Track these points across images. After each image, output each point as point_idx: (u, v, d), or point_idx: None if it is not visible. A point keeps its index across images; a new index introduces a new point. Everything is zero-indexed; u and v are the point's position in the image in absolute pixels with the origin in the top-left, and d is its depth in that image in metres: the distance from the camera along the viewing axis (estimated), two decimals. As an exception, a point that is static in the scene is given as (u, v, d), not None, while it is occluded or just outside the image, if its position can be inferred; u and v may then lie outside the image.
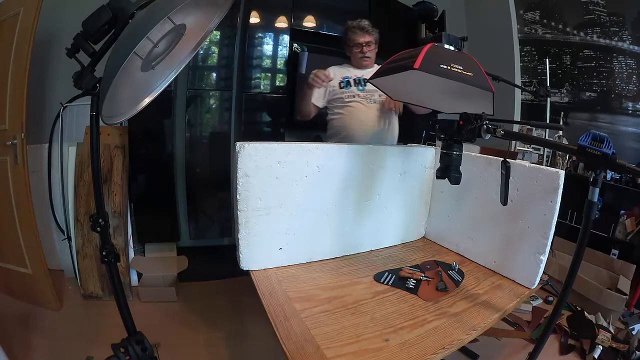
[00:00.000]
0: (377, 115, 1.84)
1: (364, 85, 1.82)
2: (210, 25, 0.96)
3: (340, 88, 1.83)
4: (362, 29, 1.81)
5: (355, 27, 1.82)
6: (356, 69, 1.87)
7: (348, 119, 1.84)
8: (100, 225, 0.98)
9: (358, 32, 1.81)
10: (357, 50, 1.82)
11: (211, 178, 2.43)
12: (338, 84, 1.84)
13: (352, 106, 1.83)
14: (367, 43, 1.81)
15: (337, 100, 1.85)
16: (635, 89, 2.64)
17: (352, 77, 1.84)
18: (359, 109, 1.82)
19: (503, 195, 0.93)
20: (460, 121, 0.91)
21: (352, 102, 1.83)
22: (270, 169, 1.09)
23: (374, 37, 1.83)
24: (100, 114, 0.86)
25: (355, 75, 1.84)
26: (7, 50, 1.86)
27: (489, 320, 0.96)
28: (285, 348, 0.77)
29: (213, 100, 2.40)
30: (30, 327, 1.80)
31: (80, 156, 2.12)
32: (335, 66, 1.92)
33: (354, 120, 1.83)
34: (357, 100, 1.82)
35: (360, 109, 1.82)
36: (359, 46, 1.81)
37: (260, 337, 1.81)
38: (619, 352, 1.81)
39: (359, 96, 1.82)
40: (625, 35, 2.64)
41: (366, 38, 1.81)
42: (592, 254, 2.39)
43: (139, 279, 2.27)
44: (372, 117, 1.83)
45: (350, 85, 1.83)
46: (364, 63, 1.84)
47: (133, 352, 0.99)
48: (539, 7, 3.14)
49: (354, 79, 1.83)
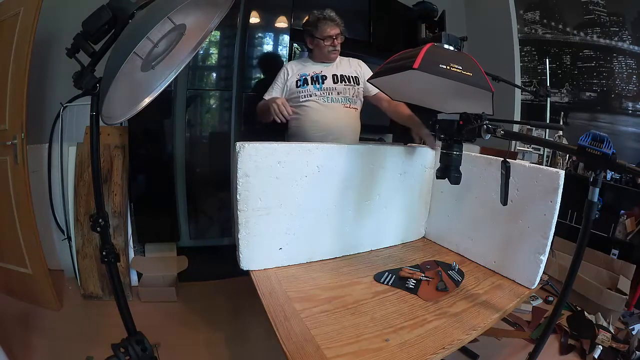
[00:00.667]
0: (334, 115, 1.75)
1: (322, 83, 1.75)
2: (210, 25, 0.97)
3: (297, 87, 1.76)
4: (333, 20, 1.73)
5: (326, 19, 1.73)
6: (317, 63, 1.80)
7: (302, 120, 1.76)
8: (100, 225, 0.98)
9: (330, 23, 1.72)
10: (327, 43, 1.73)
11: (211, 178, 2.43)
12: (295, 82, 1.77)
13: (307, 106, 1.75)
14: (337, 35, 1.74)
15: (293, 100, 1.76)
16: (635, 89, 2.64)
17: (310, 73, 1.76)
18: (314, 108, 1.74)
19: (503, 195, 0.93)
20: (460, 121, 0.92)
21: (306, 102, 1.75)
22: (270, 169, 1.09)
23: (341, 27, 1.76)
24: (100, 114, 0.86)
25: (313, 72, 1.77)
26: (7, 50, 1.86)
27: (489, 320, 0.96)
28: (285, 348, 0.77)
29: (213, 100, 2.40)
30: (30, 327, 1.80)
31: (80, 156, 2.13)
32: (293, 61, 1.86)
33: (307, 121, 1.75)
34: (312, 99, 1.74)
35: (315, 109, 1.74)
36: (330, 39, 1.73)
37: (260, 337, 1.81)
38: (619, 352, 1.81)
39: (315, 95, 1.74)
40: (625, 35, 2.64)
41: (336, 30, 1.73)
42: (592, 254, 2.38)
43: (139, 279, 2.27)
44: (328, 116, 1.74)
45: (307, 84, 1.76)
46: (332, 56, 1.78)
47: (133, 352, 0.99)
48: (539, 7, 3.15)
49: (312, 75, 1.76)
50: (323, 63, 1.80)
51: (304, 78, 1.77)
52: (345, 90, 1.78)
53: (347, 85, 1.78)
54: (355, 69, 1.84)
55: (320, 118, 1.75)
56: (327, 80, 1.77)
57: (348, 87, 1.78)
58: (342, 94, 1.77)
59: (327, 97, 1.75)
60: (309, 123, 1.76)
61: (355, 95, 1.80)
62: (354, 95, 1.80)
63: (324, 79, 1.76)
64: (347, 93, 1.78)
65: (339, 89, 1.76)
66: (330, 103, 1.75)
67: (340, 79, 1.78)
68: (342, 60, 1.84)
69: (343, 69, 1.81)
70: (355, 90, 1.80)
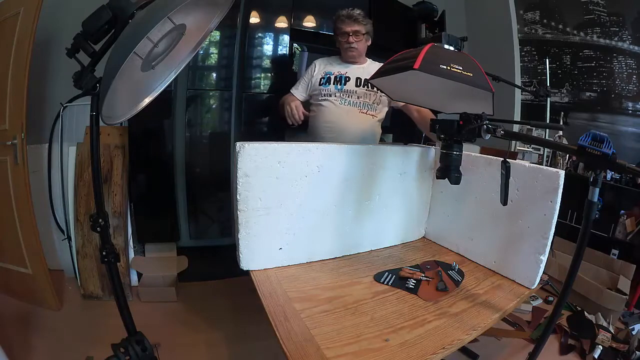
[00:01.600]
0: (348, 118, 1.71)
1: (343, 84, 1.72)
2: (210, 25, 0.97)
3: (320, 84, 1.75)
4: (351, 17, 1.70)
5: (343, 16, 1.71)
6: (343, 64, 1.78)
7: (317, 119, 1.76)
8: (100, 225, 0.98)
9: (346, 20, 1.70)
10: (343, 39, 1.72)
11: (211, 178, 2.43)
12: (319, 79, 1.75)
13: (323, 105, 1.74)
14: (354, 32, 1.69)
15: (314, 97, 1.77)
16: (635, 89, 2.64)
17: (334, 73, 1.74)
18: (329, 108, 1.73)
19: (503, 195, 0.93)
20: (460, 121, 0.91)
21: (324, 101, 1.73)
22: (270, 169, 1.09)
23: (364, 27, 1.71)
24: (100, 114, 0.86)
25: (338, 72, 1.74)
26: (7, 50, 1.86)
27: (489, 320, 0.96)
28: (285, 348, 0.77)
29: (213, 100, 2.40)
30: (30, 327, 1.80)
31: (80, 156, 2.13)
32: (323, 59, 1.84)
33: (320, 120, 1.75)
34: (330, 99, 1.72)
35: (330, 109, 1.72)
36: (345, 35, 1.70)
37: (260, 337, 1.81)
38: (619, 352, 1.81)
39: (334, 95, 1.72)
40: (625, 35, 2.64)
41: (354, 27, 1.69)
42: (592, 254, 2.39)
43: (139, 279, 2.27)
44: (342, 119, 1.71)
45: (329, 83, 1.73)
46: (350, 54, 1.74)
47: (133, 352, 0.99)
48: (539, 7, 3.14)
49: (336, 75, 1.74)
50: (349, 64, 1.77)
51: (328, 77, 1.74)
52: (366, 96, 1.72)
53: (370, 90, 1.72)
54: None
55: (333, 119, 1.72)
56: (349, 82, 1.73)
57: (370, 93, 1.72)
58: (362, 99, 1.72)
59: (345, 100, 1.72)
60: (322, 123, 1.75)
61: (376, 102, 1.74)
62: (374, 102, 1.74)
63: (346, 81, 1.73)
64: (368, 98, 1.72)
65: (359, 92, 1.72)
66: (347, 106, 1.72)
67: (364, 83, 1.73)
68: (371, 65, 1.79)
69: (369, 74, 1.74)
70: (377, 97, 1.73)
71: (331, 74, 1.75)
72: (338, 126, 1.71)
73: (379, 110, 1.77)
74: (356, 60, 1.77)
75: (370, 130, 1.77)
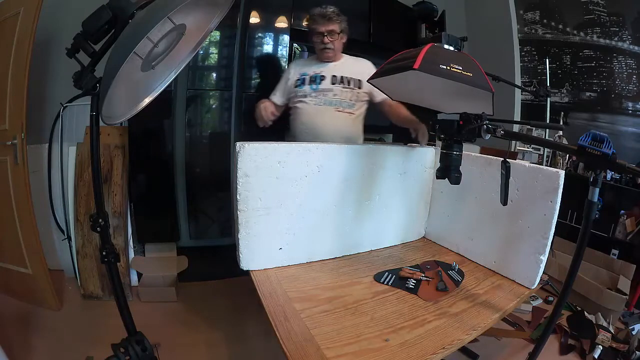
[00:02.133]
0: (323, 118, 1.67)
1: (319, 84, 1.68)
2: (210, 25, 0.97)
3: (295, 87, 1.71)
4: (325, 16, 1.63)
5: (317, 15, 1.65)
6: (318, 63, 1.73)
7: (294, 120, 1.74)
8: (100, 225, 0.98)
9: (320, 20, 1.64)
10: (318, 40, 1.66)
11: (211, 178, 2.43)
12: (295, 81, 1.72)
13: (298, 107, 1.71)
14: (329, 32, 1.63)
15: (291, 100, 1.74)
16: (635, 89, 2.64)
17: (310, 74, 1.70)
18: (304, 109, 1.70)
19: (503, 195, 0.93)
20: (460, 121, 0.92)
21: (298, 103, 1.70)
22: (270, 169, 1.09)
23: (339, 25, 1.65)
24: (100, 114, 0.86)
25: (313, 72, 1.70)
26: (7, 50, 1.86)
27: (489, 320, 0.96)
28: (285, 348, 0.77)
29: (213, 100, 2.40)
30: (30, 327, 1.80)
31: (80, 156, 2.13)
32: (299, 60, 1.80)
33: (297, 122, 1.72)
34: (304, 100, 1.69)
35: (305, 110, 1.69)
36: (320, 35, 1.64)
37: (260, 337, 1.81)
38: (619, 352, 1.81)
39: (309, 96, 1.68)
40: (625, 35, 2.64)
41: (328, 27, 1.63)
42: (592, 254, 2.38)
43: (139, 279, 2.26)
44: (316, 119, 1.67)
45: (305, 84, 1.69)
46: (325, 55, 1.69)
47: (133, 352, 0.99)
48: (539, 7, 3.14)
49: (311, 76, 1.70)
50: (324, 63, 1.73)
51: (304, 78, 1.71)
52: (343, 93, 1.69)
53: (346, 87, 1.69)
54: (361, 71, 1.73)
55: (308, 120, 1.69)
56: (325, 81, 1.69)
57: (346, 90, 1.69)
58: (338, 97, 1.68)
59: (320, 99, 1.68)
60: (299, 124, 1.73)
61: (353, 99, 1.71)
62: (351, 99, 1.70)
63: (322, 80, 1.69)
64: (344, 96, 1.69)
65: (335, 90, 1.68)
66: (322, 105, 1.68)
67: (340, 81, 1.70)
68: (347, 61, 1.76)
69: (346, 70, 1.73)
70: (354, 94, 1.70)
71: (307, 74, 1.71)
72: (313, 126, 1.68)
73: (357, 107, 1.73)
74: (332, 59, 1.73)
75: (348, 128, 1.74)
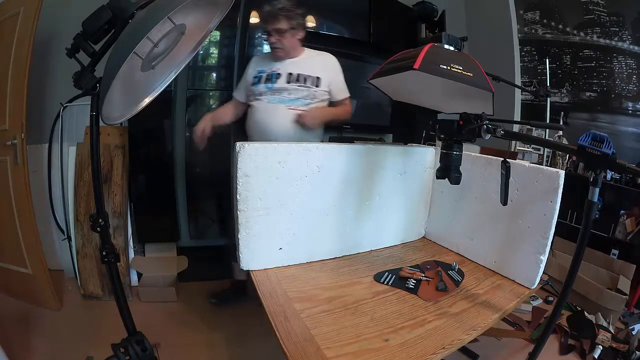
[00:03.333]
0: (273, 118, 1.61)
1: (274, 82, 1.61)
2: (210, 25, 0.97)
3: (252, 85, 1.67)
4: (270, 13, 1.54)
5: (264, 12, 1.56)
6: (275, 60, 1.66)
7: (248, 119, 1.70)
8: (100, 225, 0.98)
9: (266, 17, 1.57)
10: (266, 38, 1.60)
11: (211, 178, 2.43)
12: (252, 79, 1.67)
13: (253, 105, 1.67)
14: (275, 30, 1.54)
15: (248, 98, 1.70)
16: (635, 89, 2.64)
17: (267, 71, 1.65)
18: (257, 108, 1.65)
19: (503, 195, 0.93)
20: (460, 121, 0.91)
21: (254, 101, 1.66)
22: (271, 169, 1.09)
23: (288, 22, 1.55)
24: (100, 114, 0.86)
25: (270, 70, 1.64)
26: (7, 50, 1.86)
27: (489, 320, 0.96)
28: (285, 348, 0.77)
29: (213, 100, 2.40)
30: (30, 327, 1.80)
31: (80, 156, 2.13)
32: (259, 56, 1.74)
33: (250, 121, 1.68)
34: (259, 98, 1.64)
35: (257, 109, 1.65)
36: (267, 34, 1.57)
37: (260, 338, 1.81)
38: (619, 352, 1.81)
39: (264, 94, 1.63)
40: (625, 35, 2.64)
41: (274, 25, 1.54)
42: (592, 254, 2.39)
43: (139, 279, 2.26)
44: (268, 118, 1.62)
45: (260, 82, 1.64)
46: (275, 54, 1.62)
47: (133, 352, 0.99)
48: (539, 7, 3.14)
49: (268, 73, 1.64)
50: (282, 59, 1.65)
51: (260, 76, 1.66)
52: (297, 91, 1.61)
53: (302, 86, 1.61)
54: (322, 68, 1.67)
55: (260, 119, 1.65)
56: (280, 78, 1.62)
57: (301, 88, 1.61)
58: (292, 94, 1.61)
59: (273, 98, 1.62)
60: (252, 123, 1.69)
61: (309, 97, 1.63)
62: (305, 97, 1.62)
63: (277, 78, 1.63)
64: (298, 94, 1.62)
65: (290, 88, 1.61)
66: (274, 104, 1.62)
67: (296, 79, 1.62)
68: (308, 56, 1.69)
69: (304, 68, 1.65)
70: (310, 92, 1.62)
71: (263, 72, 1.66)
72: (264, 125, 1.64)
73: (314, 105, 1.66)
74: (284, 57, 1.66)
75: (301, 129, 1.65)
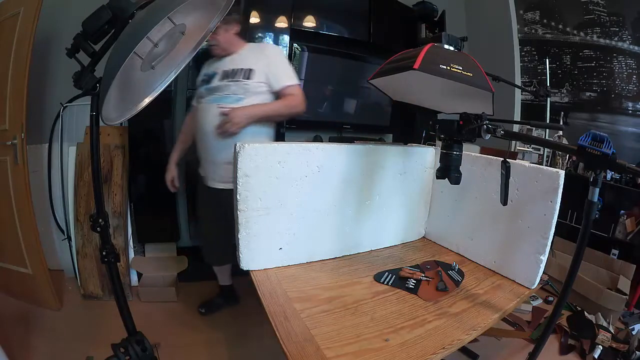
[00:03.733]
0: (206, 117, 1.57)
1: (210, 83, 1.59)
2: (210, 25, 0.96)
3: (197, 89, 1.68)
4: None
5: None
6: (217, 60, 1.63)
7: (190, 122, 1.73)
8: (100, 225, 0.98)
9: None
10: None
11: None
12: (200, 82, 1.67)
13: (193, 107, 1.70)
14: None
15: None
16: (635, 89, 2.64)
17: (209, 73, 1.63)
18: (196, 110, 1.66)
19: (503, 195, 0.93)
20: (460, 121, 0.91)
21: (197, 104, 1.66)
22: (271, 169, 1.09)
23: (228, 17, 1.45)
24: (100, 114, 0.85)
25: (211, 71, 1.62)
26: (7, 50, 1.86)
27: (489, 320, 0.96)
28: (285, 348, 0.77)
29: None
30: (30, 327, 1.80)
31: (80, 156, 2.13)
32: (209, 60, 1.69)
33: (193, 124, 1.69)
34: (200, 101, 1.63)
35: (195, 112, 1.67)
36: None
37: (260, 337, 1.81)
38: (619, 352, 1.81)
39: (202, 97, 1.61)
40: (625, 35, 2.64)
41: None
42: (592, 254, 2.39)
43: (139, 279, 2.27)
44: (201, 119, 1.59)
45: (202, 85, 1.63)
46: (212, 51, 1.59)
47: (133, 352, 0.99)
48: (539, 7, 3.14)
49: (209, 74, 1.63)
50: (220, 58, 1.61)
51: (203, 79, 1.65)
52: (227, 88, 1.54)
53: (232, 81, 1.54)
54: (257, 58, 1.57)
55: (197, 121, 1.64)
56: (215, 78, 1.59)
57: (230, 84, 1.54)
58: (224, 92, 1.55)
59: (207, 98, 1.59)
60: (193, 126, 1.70)
61: (240, 92, 1.54)
62: (237, 93, 1.54)
63: (214, 77, 1.60)
64: (229, 91, 1.54)
65: (222, 87, 1.55)
66: (209, 104, 1.57)
67: (230, 75, 1.55)
68: (247, 50, 1.62)
69: (238, 62, 1.58)
70: (239, 86, 1.53)
71: (207, 74, 1.64)
72: (199, 126, 1.63)
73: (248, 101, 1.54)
74: (222, 54, 1.61)
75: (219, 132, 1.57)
